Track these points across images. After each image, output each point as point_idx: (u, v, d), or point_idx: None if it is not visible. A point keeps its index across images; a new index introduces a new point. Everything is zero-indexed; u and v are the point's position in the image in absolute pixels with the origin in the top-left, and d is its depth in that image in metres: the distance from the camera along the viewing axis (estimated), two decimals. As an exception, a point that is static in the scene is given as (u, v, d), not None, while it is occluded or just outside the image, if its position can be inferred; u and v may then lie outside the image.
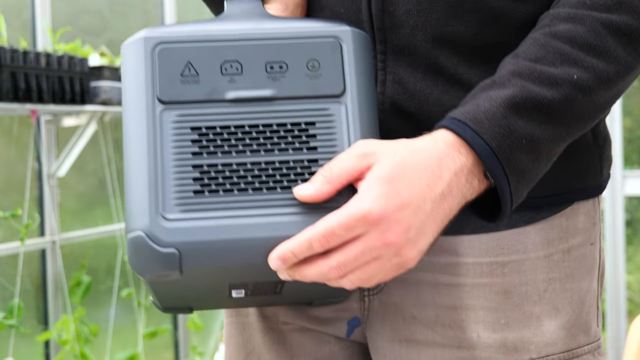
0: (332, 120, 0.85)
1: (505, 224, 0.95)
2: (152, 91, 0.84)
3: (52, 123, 3.19)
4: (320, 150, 0.84)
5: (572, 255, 0.97)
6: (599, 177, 1.00)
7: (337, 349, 1.04)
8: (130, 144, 0.84)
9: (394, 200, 0.78)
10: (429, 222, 0.81)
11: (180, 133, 0.84)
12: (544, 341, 0.95)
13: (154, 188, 0.82)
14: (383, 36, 0.93)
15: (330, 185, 0.81)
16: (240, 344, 1.07)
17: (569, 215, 0.97)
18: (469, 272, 0.95)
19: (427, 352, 0.96)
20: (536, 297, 0.95)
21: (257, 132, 0.84)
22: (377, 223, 0.78)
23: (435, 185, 0.80)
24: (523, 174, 0.83)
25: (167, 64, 0.85)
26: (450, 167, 0.81)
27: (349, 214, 0.78)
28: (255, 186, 0.83)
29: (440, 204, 0.81)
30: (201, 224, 0.81)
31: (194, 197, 0.82)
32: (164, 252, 0.80)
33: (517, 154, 0.82)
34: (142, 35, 0.86)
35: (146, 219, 0.81)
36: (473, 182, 0.83)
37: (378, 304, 0.99)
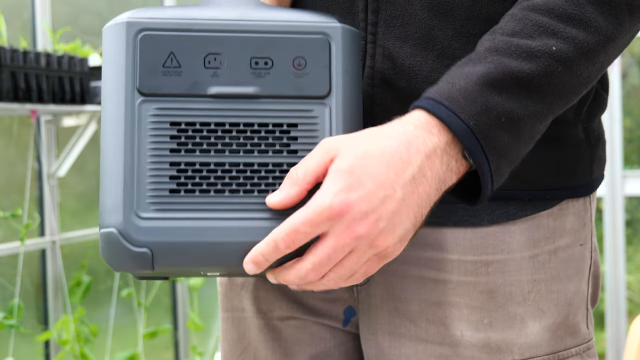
0: (315, 122, 0.82)
1: (488, 219, 0.94)
2: (132, 81, 0.81)
3: (52, 123, 3.18)
4: (300, 153, 0.82)
5: (558, 256, 0.96)
6: (588, 177, 0.99)
7: (332, 344, 1.04)
8: (107, 135, 0.82)
9: (356, 192, 0.77)
10: (402, 210, 0.78)
11: (158, 128, 0.81)
12: (527, 343, 0.94)
13: (129, 184, 0.80)
14: (376, 5, 0.91)
15: (297, 187, 0.79)
16: (236, 339, 1.07)
17: (557, 215, 0.96)
18: (454, 269, 0.94)
19: (410, 346, 0.96)
20: (520, 298, 0.94)
21: (238, 131, 0.82)
22: (340, 217, 0.76)
23: (404, 171, 0.78)
24: (504, 153, 0.81)
25: (148, 53, 0.81)
26: (421, 150, 0.79)
27: (311, 210, 0.76)
28: (232, 188, 0.81)
29: (414, 190, 0.79)
30: (175, 224, 0.80)
31: (170, 196, 0.80)
32: (137, 252, 0.80)
33: (497, 132, 0.80)
34: (124, 18, 0.82)
35: (120, 216, 0.80)
36: (450, 164, 0.81)
37: (365, 295, 0.99)
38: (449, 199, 0.91)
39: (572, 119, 0.96)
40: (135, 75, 0.81)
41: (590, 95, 0.97)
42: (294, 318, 1.03)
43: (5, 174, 3.12)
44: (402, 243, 0.80)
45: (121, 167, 0.80)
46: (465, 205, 0.87)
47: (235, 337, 1.07)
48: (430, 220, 0.92)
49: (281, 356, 1.04)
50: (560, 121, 0.94)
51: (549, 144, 0.94)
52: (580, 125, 0.97)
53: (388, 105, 0.91)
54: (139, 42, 0.81)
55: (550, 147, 0.94)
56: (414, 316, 0.96)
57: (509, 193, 0.93)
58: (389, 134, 0.80)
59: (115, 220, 0.80)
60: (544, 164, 0.94)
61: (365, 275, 0.81)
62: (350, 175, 0.77)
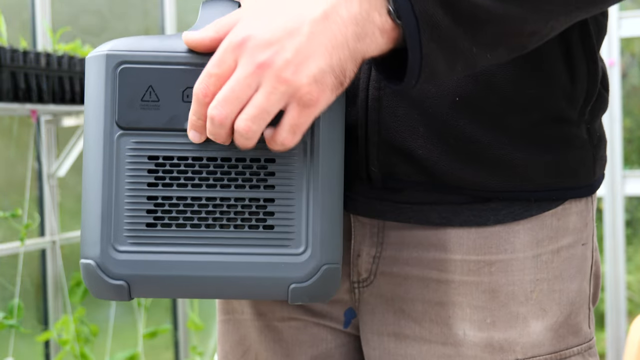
0: (293, 157, 0.82)
1: (493, 219, 0.94)
2: (111, 114, 0.82)
3: (52, 123, 3.18)
4: (278, 188, 0.82)
5: (561, 256, 0.97)
6: (591, 177, 0.99)
7: (333, 345, 1.04)
8: (87, 167, 0.83)
9: (259, 21, 0.74)
10: (311, 45, 0.74)
11: (136, 161, 0.82)
12: (530, 342, 0.94)
13: (106, 217, 0.81)
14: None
15: (213, 33, 0.78)
16: (237, 341, 1.07)
17: (560, 215, 0.97)
18: (457, 269, 0.94)
19: (414, 347, 0.96)
20: (523, 298, 0.95)
21: (215, 166, 0.82)
22: (242, 45, 0.74)
23: (315, 7, 0.75)
24: (437, 28, 0.76)
25: (127, 86, 0.81)
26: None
27: (218, 49, 0.75)
28: (208, 222, 0.82)
29: (325, 27, 0.74)
30: (152, 258, 0.82)
31: (146, 230, 0.82)
32: (114, 284, 0.82)
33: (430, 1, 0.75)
34: (105, 50, 0.82)
35: (97, 249, 0.81)
36: (372, 15, 0.75)
37: (368, 296, 0.99)
38: (454, 199, 0.92)
39: (576, 119, 0.96)
40: (114, 108, 0.82)
41: (594, 95, 0.97)
42: (294, 319, 1.03)
43: (5, 174, 3.12)
44: (318, 85, 0.74)
45: (99, 199, 0.81)
46: (391, 85, 0.81)
47: (236, 339, 1.07)
48: (436, 220, 0.93)
49: (282, 357, 1.04)
50: (565, 121, 0.95)
51: (554, 145, 0.94)
52: (583, 125, 0.97)
53: (394, 107, 0.92)
54: (118, 75, 0.81)
55: (555, 148, 0.94)
56: (418, 317, 0.96)
57: (515, 194, 0.94)
58: None
59: (93, 252, 0.82)
60: (549, 165, 0.94)
61: (293, 129, 0.77)
62: (254, 14, 0.75)
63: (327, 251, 0.83)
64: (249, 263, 0.81)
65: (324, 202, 0.83)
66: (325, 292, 0.85)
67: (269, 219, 0.82)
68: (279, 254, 0.82)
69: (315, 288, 0.83)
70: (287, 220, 0.82)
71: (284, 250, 0.82)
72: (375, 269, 0.98)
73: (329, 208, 0.83)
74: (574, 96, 0.95)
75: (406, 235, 0.96)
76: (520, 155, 0.93)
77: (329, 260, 0.83)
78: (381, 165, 0.93)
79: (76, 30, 3.35)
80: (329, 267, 0.83)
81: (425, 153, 0.92)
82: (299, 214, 0.82)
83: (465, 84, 0.90)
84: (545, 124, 0.93)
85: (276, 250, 0.82)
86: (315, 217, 0.83)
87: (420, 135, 0.91)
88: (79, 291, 3.15)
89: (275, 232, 0.83)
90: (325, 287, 0.84)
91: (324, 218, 0.83)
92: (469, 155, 0.92)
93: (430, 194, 0.95)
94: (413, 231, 0.96)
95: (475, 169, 0.92)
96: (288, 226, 0.82)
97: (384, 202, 0.96)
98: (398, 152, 0.93)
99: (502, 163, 0.92)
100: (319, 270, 0.83)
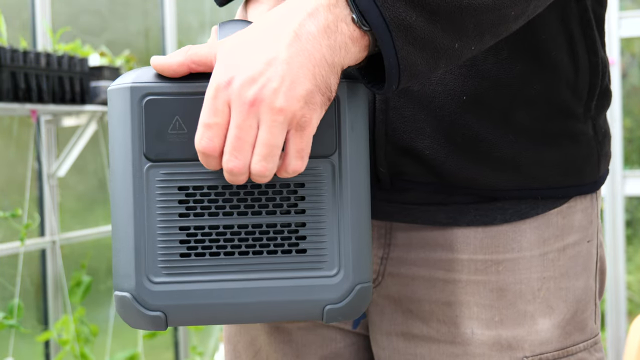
0: (321, 181, 0.82)
1: (500, 219, 0.95)
2: (139, 147, 0.82)
3: (52, 123, 3.19)
4: (308, 212, 0.82)
5: (567, 253, 0.97)
6: (596, 173, 0.99)
7: (342, 345, 1.04)
8: (116, 200, 0.83)
9: (237, 61, 0.74)
10: (293, 69, 0.73)
11: (166, 193, 0.82)
12: (538, 340, 0.95)
13: (140, 249, 0.82)
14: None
15: (182, 58, 0.78)
16: (249, 342, 1.07)
17: (566, 213, 0.97)
18: (464, 268, 0.95)
19: (424, 346, 0.97)
20: (530, 296, 0.95)
21: (245, 193, 0.82)
22: (228, 86, 0.74)
23: (283, 32, 0.74)
24: (412, 30, 0.74)
25: (154, 118, 0.81)
26: (301, 8, 0.75)
27: (206, 99, 0.75)
28: (242, 250, 0.82)
29: (300, 48, 0.74)
30: (187, 288, 0.82)
31: (180, 260, 0.82)
32: (151, 315, 0.82)
33: (399, 1, 0.74)
34: (128, 82, 0.82)
35: (132, 282, 0.82)
36: (340, 26, 0.75)
37: (376, 296, 1.00)
38: (461, 199, 0.92)
39: (582, 115, 0.97)
40: (141, 140, 0.81)
41: (597, 88, 0.98)
42: (304, 321, 1.04)
43: (5, 174, 3.12)
44: (309, 105, 0.74)
45: (132, 232, 0.82)
46: (373, 89, 0.80)
47: (248, 340, 1.07)
48: (443, 220, 0.93)
49: (292, 358, 1.04)
50: (571, 116, 0.95)
51: (560, 141, 0.95)
52: (589, 121, 0.98)
53: (401, 108, 0.92)
54: (144, 108, 0.81)
55: (561, 144, 0.95)
56: (426, 316, 0.96)
57: (522, 192, 0.94)
58: (270, 12, 0.77)
59: (128, 285, 0.82)
60: (555, 163, 0.95)
61: (300, 154, 0.77)
62: (230, 53, 0.75)
63: (359, 271, 0.83)
64: (284, 287, 0.82)
65: (354, 222, 0.83)
66: (359, 309, 0.85)
67: (301, 242, 0.83)
68: (313, 276, 0.83)
69: (350, 308, 0.84)
70: (319, 243, 0.83)
71: (318, 273, 0.83)
72: (383, 270, 0.99)
73: (359, 227, 0.83)
74: (578, 87, 0.95)
75: (413, 236, 0.97)
76: (527, 152, 0.93)
77: (361, 280, 0.84)
78: (389, 166, 0.94)
79: (76, 30, 3.36)
80: (362, 286, 0.84)
81: (433, 153, 0.92)
82: (331, 236, 0.83)
83: (473, 82, 0.91)
84: (551, 119, 0.94)
85: (310, 274, 0.83)
86: (346, 238, 0.83)
87: (428, 136, 0.92)
88: (79, 291, 3.15)
89: (308, 256, 0.83)
90: (359, 306, 0.84)
91: (354, 238, 0.83)
92: (476, 154, 0.92)
93: (437, 195, 0.95)
94: (420, 232, 0.96)
95: (482, 168, 0.93)
96: (320, 249, 0.83)
97: (391, 204, 0.96)
98: (406, 152, 0.93)
99: (509, 161, 0.93)
100: (353, 290, 0.83)
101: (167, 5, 3.81)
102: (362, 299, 0.84)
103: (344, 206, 0.82)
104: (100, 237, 3.45)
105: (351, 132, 0.82)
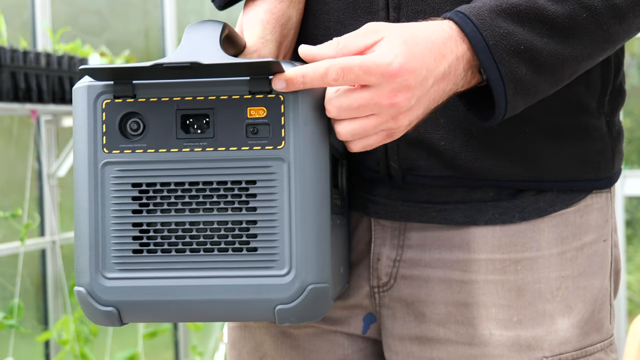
0: (274, 179, 0.82)
1: (519, 217, 0.94)
2: (94, 144, 0.84)
3: (52, 123, 3.18)
4: (259, 211, 0.82)
5: (584, 252, 0.97)
6: (610, 169, 1.00)
7: (350, 351, 1.03)
8: (76, 197, 0.85)
9: (411, 62, 0.79)
10: (427, 97, 0.82)
11: (120, 189, 0.83)
12: (557, 339, 0.95)
13: (94, 246, 0.83)
14: (398, 1, 0.92)
15: (333, 52, 0.81)
16: (253, 347, 1.06)
17: (583, 212, 0.97)
18: (481, 268, 0.95)
19: (440, 349, 0.96)
20: (549, 295, 0.95)
21: (197, 190, 0.83)
22: (392, 78, 0.78)
23: (439, 63, 0.81)
24: (521, 82, 0.84)
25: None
26: (454, 49, 0.82)
27: (372, 59, 0.78)
28: (193, 247, 0.83)
29: (439, 83, 0.82)
30: (139, 284, 0.83)
31: (133, 257, 0.83)
32: (104, 310, 0.84)
33: (514, 58, 0.83)
34: (86, 82, 0.84)
35: (87, 277, 0.83)
36: (467, 74, 0.84)
37: (388, 300, 0.99)
38: (479, 196, 0.92)
39: (596, 111, 0.97)
40: (97, 138, 0.84)
41: (610, 83, 0.98)
42: (310, 326, 1.03)
43: (5, 174, 3.12)
44: (408, 128, 0.83)
45: (87, 228, 0.84)
46: (479, 122, 0.89)
47: (253, 346, 1.06)
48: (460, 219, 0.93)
49: None
50: (584, 111, 0.95)
51: (574, 135, 0.95)
52: (603, 117, 0.98)
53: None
54: (100, 106, 0.83)
55: (575, 138, 0.95)
56: (442, 319, 0.96)
57: (538, 184, 0.94)
58: (430, 26, 0.83)
59: (84, 280, 0.84)
60: (570, 155, 0.95)
61: (364, 146, 0.83)
62: (405, 45, 0.80)
63: (312, 271, 0.82)
64: (234, 286, 0.82)
65: (307, 221, 0.82)
66: (315, 312, 0.84)
67: (252, 241, 0.82)
68: (264, 275, 0.82)
69: (303, 309, 0.83)
70: (270, 242, 0.82)
71: (268, 272, 0.82)
72: (395, 272, 0.98)
73: (313, 227, 0.83)
74: (591, 82, 0.96)
75: (428, 237, 0.96)
76: (541, 144, 0.94)
77: (315, 280, 0.83)
78: (401, 160, 0.94)
79: (76, 30, 3.35)
80: (315, 286, 0.82)
81: (447, 144, 0.92)
82: (282, 234, 0.82)
83: None
84: (564, 113, 0.94)
85: (260, 272, 0.82)
86: (298, 237, 0.82)
87: (442, 127, 0.92)
88: (79, 291, 3.15)
89: (259, 254, 0.82)
90: (314, 307, 0.83)
91: (307, 238, 0.82)
92: (491, 145, 0.92)
93: (454, 192, 0.95)
94: (435, 232, 0.96)
95: (498, 158, 0.93)
96: (271, 247, 0.82)
97: (406, 203, 0.96)
98: (418, 145, 0.93)
99: (525, 152, 0.93)
100: (305, 291, 0.82)
101: (167, 5, 3.81)
102: (317, 300, 0.83)
103: (296, 204, 0.82)
104: (100, 237, 3.45)
105: (304, 129, 0.82)
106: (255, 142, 0.82)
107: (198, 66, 0.80)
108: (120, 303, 0.83)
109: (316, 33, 0.97)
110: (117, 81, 0.83)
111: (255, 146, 0.82)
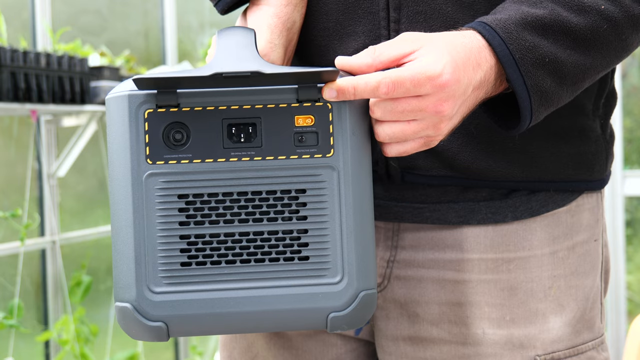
0: (323, 187, 0.82)
1: (511, 216, 0.95)
2: (137, 155, 0.81)
3: (52, 123, 3.18)
4: (310, 219, 0.82)
5: (576, 252, 0.98)
6: (604, 171, 1.01)
7: (343, 351, 1.04)
8: (116, 210, 0.82)
9: (457, 72, 0.80)
10: (465, 105, 0.83)
11: (166, 201, 0.81)
12: (549, 338, 0.95)
13: (140, 259, 0.81)
14: (398, 2, 0.92)
15: (370, 61, 0.81)
16: (245, 347, 1.06)
17: (574, 211, 0.98)
18: (474, 268, 0.95)
19: (434, 349, 0.97)
20: (541, 294, 0.95)
21: (246, 200, 0.82)
22: (442, 88, 0.80)
23: (477, 72, 0.83)
24: (546, 94, 0.86)
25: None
26: (488, 59, 0.84)
27: (422, 70, 0.79)
28: (243, 258, 0.82)
29: (475, 92, 0.84)
30: (188, 297, 0.81)
31: (181, 269, 0.81)
32: (152, 325, 0.82)
33: (539, 70, 0.85)
34: (126, 90, 0.81)
35: (133, 292, 0.81)
36: (497, 82, 0.86)
37: (382, 301, 0.99)
38: (473, 195, 0.92)
39: (591, 113, 0.98)
40: (141, 149, 0.81)
41: (606, 86, 0.99)
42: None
43: (5, 174, 3.12)
44: (445, 136, 0.85)
45: (131, 242, 0.81)
46: (504, 132, 0.90)
47: (245, 346, 1.06)
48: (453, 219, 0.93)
49: None
50: (580, 112, 0.96)
51: (571, 136, 0.96)
52: (598, 120, 0.99)
53: None
54: (143, 116, 0.81)
55: (572, 139, 0.96)
56: (435, 319, 0.96)
57: (535, 184, 0.95)
58: (461, 35, 0.84)
59: (129, 296, 0.81)
60: (566, 156, 0.96)
61: (403, 151, 0.84)
62: (449, 56, 0.80)
63: (363, 277, 0.83)
64: (286, 296, 0.81)
65: (357, 228, 0.82)
66: (363, 317, 0.84)
67: (304, 250, 0.82)
68: (316, 284, 0.82)
69: (354, 315, 0.83)
70: (321, 250, 0.82)
71: (321, 280, 0.82)
72: (389, 273, 0.98)
73: (362, 233, 0.83)
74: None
75: (422, 237, 0.97)
76: (539, 145, 0.94)
77: (365, 287, 0.83)
78: (401, 159, 0.94)
79: (76, 30, 3.35)
80: (366, 293, 0.83)
81: (447, 143, 0.93)
82: (334, 242, 0.82)
83: None
84: (562, 114, 0.95)
85: (313, 281, 0.82)
86: (349, 244, 0.82)
87: None
88: (79, 291, 3.15)
89: (310, 263, 0.82)
90: (364, 313, 0.84)
91: (357, 244, 0.82)
92: (490, 145, 0.93)
93: (448, 192, 0.95)
94: (429, 232, 0.96)
95: (496, 159, 0.93)
96: (323, 256, 0.82)
97: (400, 204, 0.96)
98: None
99: (523, 152, 0.94)
100: (357, 298, 0.83)
101: (167, 5, 3.81)
102: (367, 306, 0.83)
103: (346, 212, 0.82)
104: (100, 237, 3.45)
105: (352, 137, 0.82)
106: (303, 151, 0.82)
107: (258, 75, 0.79)
108: (169, 317, 0.81)
109: (315, 34, 0.97)
110: (161, 90, 0.81)
111: (304, 155, 0.82)
